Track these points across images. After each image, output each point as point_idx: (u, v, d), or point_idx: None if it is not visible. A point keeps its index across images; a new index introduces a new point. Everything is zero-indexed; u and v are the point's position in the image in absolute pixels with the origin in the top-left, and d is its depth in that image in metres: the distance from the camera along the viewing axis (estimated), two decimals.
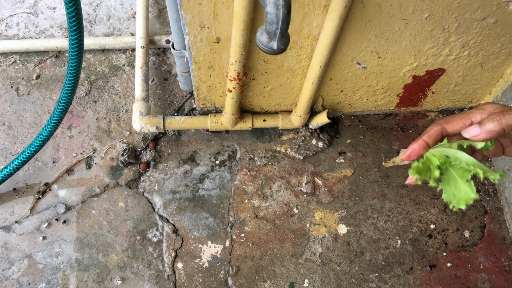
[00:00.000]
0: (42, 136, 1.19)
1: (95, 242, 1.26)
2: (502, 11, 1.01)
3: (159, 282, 1.23)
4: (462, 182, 0.61)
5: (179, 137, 1.39)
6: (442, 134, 0.66)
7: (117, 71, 1.48)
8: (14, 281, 1.21)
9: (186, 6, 0.92)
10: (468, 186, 0.61)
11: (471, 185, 0.61)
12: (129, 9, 1.58)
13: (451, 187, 0.62)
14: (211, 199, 1.32)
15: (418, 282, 1.26)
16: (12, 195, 1.30)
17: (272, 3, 0.70)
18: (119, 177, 1.33)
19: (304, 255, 1.27)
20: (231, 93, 1.16)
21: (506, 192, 1.34)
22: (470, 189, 0.60)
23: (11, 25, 1.54)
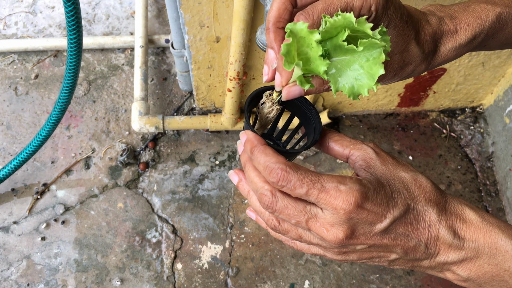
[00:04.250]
0: (40, 136, 1.18)
1: (94, 243, 1.25)
2: None
3: (159, 283, 1.22)
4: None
5: (179, 137, 1.38)
6: (290, 11, 0.46)
7: (116, 71, 1.47)
8: (13, 282, 1.20)
9: (185, 5, 0.91)
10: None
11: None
12: (128, 8, 1.57)
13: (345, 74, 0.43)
14: (210, 199, 1.31)
15: (419, 283, 1.25)
16: (11, 196, 1.29)
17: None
18: (118, 178, 1.32)
19: (304, 256, 1.26)
20: (231, 93, 1.15)
21: (508, 193, 1.33)
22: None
23: (10, 24, 1.53)
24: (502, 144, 1.35)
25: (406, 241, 0.45)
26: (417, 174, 0.46)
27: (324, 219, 0.43)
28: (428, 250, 0.45)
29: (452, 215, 0.46)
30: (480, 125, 1.44)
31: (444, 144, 1.42)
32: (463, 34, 0.52)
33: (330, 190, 0.42)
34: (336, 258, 0.47)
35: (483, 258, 0.45)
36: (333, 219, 0.42)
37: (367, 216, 0.42)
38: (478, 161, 1.40)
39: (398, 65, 0.50)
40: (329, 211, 0.42)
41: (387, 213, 0.43)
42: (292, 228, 0.46)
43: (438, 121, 1.44)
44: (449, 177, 1.38)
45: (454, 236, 0.45)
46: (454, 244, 0.45)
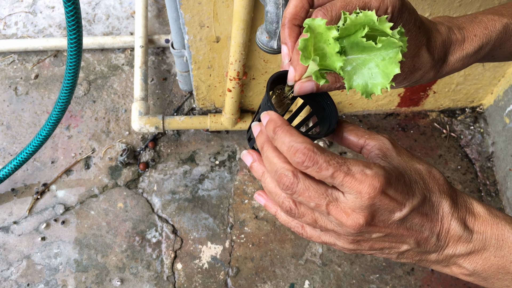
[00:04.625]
0: (40, 136, 1.18)
1: (94, 243, 1.25)
2: None
3: (159, 283, 1.22)
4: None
5: (179, 137, 1.38)
6: (307, 9, 0.47)
7: (116, 71, 1.47)
8: (13, 282, 1.20)
9: (185, 5, 0.91)
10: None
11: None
12: (128, 8, 1.57)
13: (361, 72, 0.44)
14: (210, 199, 1.31)
15: (419, 283, 1.25)
16: (11, 196, 1.29)
17: (272, 2, 0.70)
18: (118, 178, 1.32)
19: (304, 256, 1.26)
20: (231, 93, 1.15)
21: (508, 193, 1.33)
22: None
23: (10, 24, 1.53)
24: (502, 144, 1.35)
25: (419, 232, 0.46)
26: (430, 167, 0.47)
27: (346, 203, 0.43)
28: (438, 242, 0.46)
29: (462, 207, 0.47)
30: (480, 125, 1.44)
31: (444, 144, 1.42)
32: (470, 44, 0.53)
33: (356, 173, 0.41)
34: (348, 247, 0.47)
35: (489, 250, 0.46)
36: (355, 204, 0.42)
37: (388, 203, 0.42)
38: (478, 161, 1.40)
39: (408, 70, 0.50)
40: (352, 195, 0.42)
41: (406, 202, 0.43)
42: (308, 212, 0.45)
43: (438, 121, 1.44)
44: (449, 177, 1.38)
45: (464, 228, 0.46)
46: (464, 237, 0.46)
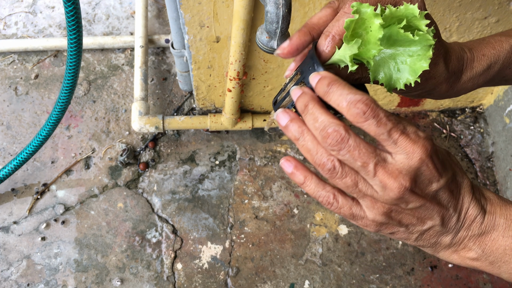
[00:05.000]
0: (40, 136, 1.18)
1: (94, 243, 1.25)
2: (503, 10, 1.00)
3: (159, 283, 1.22)
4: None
5: (179, 137, 1.38)
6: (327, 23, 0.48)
7: (116, 71, 1.47)
8: (13, 282, 1.20)
9: (185, 5, 0.91)
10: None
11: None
12: (128, 8, 1.57)
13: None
14: (210, 199, 1.31)
15: (419, 283, 1.25)
16: (11, 196, 1.29)
17: (273, 2, 0.69)
18: (118, 178, 1.32)
19: (304, 256, 1.26)
20: (231, 93, 1.15)
21: (508, 193, 1.33)
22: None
23: (10, 24, 1.53)
24: (502, 144, 1.35)
25: (446, 208, 0.47)
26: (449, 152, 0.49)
27: (394, 165, 0.42)
28: (458, 221, 0.48)
29: (477, 190, 0.49)
30: (480, 125, 1.44)
31: (444, 144, 1.42)
32: (479, 63, 0.55)
33: (411, 134, 0.42)
34: (378, 219, 0.46)
35: (498, 230, 0.48)
36: (404, 165, 0.42)
37: (431, 171, 0.43)
38: (478, 161, 1.40)
39: (423, 75, 0.50)
40: (403, 156, 0.42)
41: (443, 174, 0.44)
42: (352, 173, 0.44)
43: (438, 121, 1.44)
44: None
45: (480, 209, 0.48)
46: (478, 217, 0.48)
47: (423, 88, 0.53)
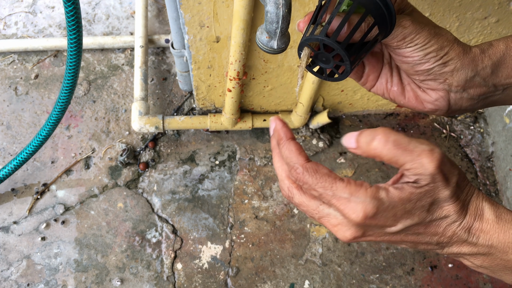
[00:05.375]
0: (40, 136, 1.18)
1: (94, 243, 1.25)
2: (503, 10, 1.00)
3: (159, 283, 1.22)
4: None
5: (179, 137, 1.38)
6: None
7: (116, 71, 1.47)
8: (13, 282, 1.20)
9: (185, 5, 0.91)
10: None
11: None
12: (128, 8, 1.57)
13: None
14: (210, 199, 1.31)
15: (419, 283, 1.25)
16: (11, 196, 1.29)
17: (273, 2, 0.69)
18: (118, 178, 1.32)
19: (304, 256, 1.26)
20: (231, 93, 1.15)
21: (508, 193, 1.33)
22: None
23: (10, 24, 1.53)
24: (502, 144, 1.35)
25: (418, 238, 0.46)
26: (456, 192, 0.45)
27: (336, 219, 0.45)
28: (440, 244, 0.47)
29: (470, 216, 0.46)
30: (480, 125, 1.44)
31: (444, 144, 1.42)
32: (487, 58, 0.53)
33: (341, 199, 0.43)
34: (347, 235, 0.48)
35: (495, 254, 0.46)
36: (342, 222, 0.44)
37: (377, 224, 0.43)
38: (478, 161, 1.40)
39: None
40: (339, 214, 0.44)
41: (399, 221, 0.44)
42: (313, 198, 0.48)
43: (438, 121, 1.44)
44: None
45: (469, 235, 0.46)
46: (469, 241, 0.46)
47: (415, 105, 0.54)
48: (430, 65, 0.50)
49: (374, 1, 0.44)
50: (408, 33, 0.48)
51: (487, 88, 0.53)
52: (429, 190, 0.44)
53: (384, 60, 0.56)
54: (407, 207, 0.44)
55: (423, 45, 0.49)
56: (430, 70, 0.51)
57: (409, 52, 0.50)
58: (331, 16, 0.45)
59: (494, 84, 0.53)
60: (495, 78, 0.52)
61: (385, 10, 0.44)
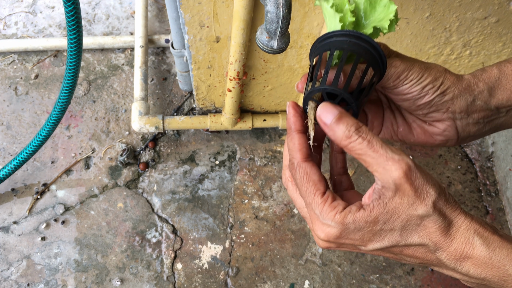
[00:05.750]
0: (40, 136, 1.18)
1: (94, 243, 1.25)
2: (503, 10, 1.00)
3: (159, 283, 1.22)
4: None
5: (179, 137, 1.38)
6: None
7: (116, 71, 1.47)
8: (13, 282, 1.20)
9: (185, 5, 0.91)
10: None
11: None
12: (128, 8, 1.57)
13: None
14: (210, 199, 1.31)
15: (419, 283, 1.25)
16: (11, 196, 1.29)
17: (273, 2, 0.69)
18: (118, 178, 1.32)
19: (304, 256, 1.26)
20: (231, 93, 1.15)
21: (508, 193, 1.33)
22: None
23: (10, 24, 1.53)
24: (502, 144, 1.35)
25: (396, 256, 0.46)
26: (433, 213, 0.43)
27: (311, 226, 0.48)
28: (425, 265, 0.47)
29: (458, 244, 0.44)
30: None
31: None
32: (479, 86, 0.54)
33: (313, 213, 0.45)
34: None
35: (489, 282, 0.45)
36: (319, 235, 0.46)
37: (344, 242, 0.45)
38: (478, 161, 1.40)
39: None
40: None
41: (367, 243, 0.45)
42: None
43: None
44: (449, 177, 1.38)
45: (458, 265, 0.44)
46: (459, 270, 0.45)
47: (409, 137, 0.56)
48: (430, 97, 0.51)
49: (363, 46, 0.46)
50: (401, 71, 0.49)
51: (490, 111, 0.53)
52: (396, 207, 0.43)
53: (383, 105, 0.57)
54: (375, 229, 0.43)
55: (418, 80, 0.50)
56: (431, 102, 0.51)
57: (406, 89, 0.50)
58: (326, 68, 0.47)
59: (496, 106, 0.53)
60: (495, 101, 0.53)
61: (375, 52, 0.46)
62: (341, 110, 0.45)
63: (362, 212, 0.43)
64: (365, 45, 0.46)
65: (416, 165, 0.43)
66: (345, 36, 0.46)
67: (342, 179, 0.54)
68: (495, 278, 0.44)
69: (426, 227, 0.43)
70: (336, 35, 0.47)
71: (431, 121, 0.54)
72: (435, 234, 0.43)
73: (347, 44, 0.46)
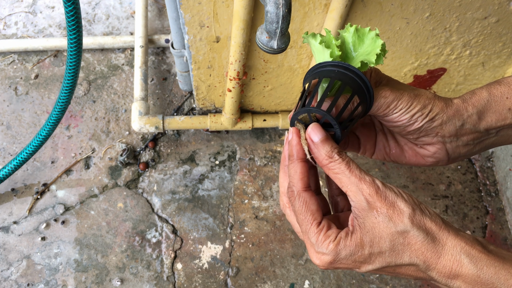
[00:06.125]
0: (40, 136, 1.18)
1: (94, 243, 1.25)
2: (503, 10, 1.00)
3: (159, 283, 1.22)
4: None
5: (179, 137, 1.38)
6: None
7: (116, 71, 1.47)
8: (13, 282, 1.20)
9: (185, 5, 0.91)
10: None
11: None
12: (128, 8, 1.57)
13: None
14: (210, 199, 1.31)
15: (419, 283, 1.25)
16: (11, 196, 1.29)
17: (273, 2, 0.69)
18: (118, 178, 1.32)
19: (304, 256, 1.26)
20: (231, 93, 1.15)
21: (508, 193, 1.33)
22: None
23: (10, 24, 1.53)
24: None
25: (392, 274, 0.49)
26: (411, 228, 0.45)
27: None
28: (421, 281, 0.49)
29: (445, 267, 0.45)
30: None
31: None
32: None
33: (308, 241, 0.49)
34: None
35: None
36: (315, 261, 0.49)
37: (338, 267, 0.48)
38: (478, 161, 1.40)
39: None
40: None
41: (361, 266, 0.47)
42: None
43: None
44: (449, 177, 1.38)
45: (449, 281, 0.46)
46: (449, 285, 0.46)
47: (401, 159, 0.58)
48: (419, 124, 0.53)
49: (349, 76, 0.50)
50: (390, 101, 0.51)
51: (479, 133, 0.55)
52: (374, 226, 0.45)
53: (376, 128, 0.60)
54: (364, 254, 0.46)
55: (407, 108, 0.52)
56: (421, 128, 0.53)
57: (396, 117, 0.52)
58: (313, 93, 0.51)
59: (485, 129, 0.55)
60: (484, 124, 0.54)
61: (361, 82, 0.50)
62: (327, 134, 0.49)
63: (349, 238, 0.46)
64: (352, 74, 0.49)
65: (386, 185, 0.47)
66: (334, 66, 0.50)
67: (338, 199, 0.56)
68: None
69: (411, 245, 0.45)
70: (326, 66, 0.50)
71: (421, 144, 0.56)
72: (420, 251, 0.45)
73: (335, 73, 0.49)
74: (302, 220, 0.48)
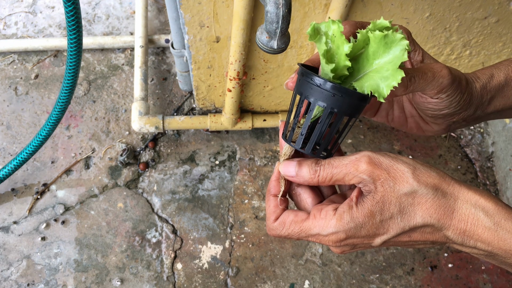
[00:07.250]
0: (40, 136, 1.18)
1: (94, 243, 1.25)
2: (503, 10, 1.00)
3: (159, 283, 1.22)
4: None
5: (179, 137, 1.38)
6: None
7: (116, 71, 1.47)
8: (13, 282, 1.20)
9: (185, 5, 0.91)
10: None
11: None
12: (128, 8, 1.57)
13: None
14: (210, 199, 1.31)
15: (419, 283, 1.25)
16: (11, 196, 1.29)
17: (273, 2, 0.69)
18: (118, 178, 1.32)
19: (304, 256, 1.26)
20: (231, 93, 1.15)
21: (508, 193, 1.33)
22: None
23: (10, 24, 1.53)
24: (502, 144, 1.35)
25: (408, 243, 0.47)
26: (418, 186, 0.44)
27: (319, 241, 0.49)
28: (437, 244, 0.47)
29: (461, 222, 0.44)
30: (480, 125, 1.44)
31: (444, 144, 1.42)
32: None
33: (314, 236, 0.47)
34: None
35: (497, 257, 0.45)
36: (331, 247, 0.48)
37: (353, 242, 0.46)
38: (478, 161, 1.40)
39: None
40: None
41: (375, 238, 0.45)
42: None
43: None
44: None
45: (465, 239, 0.44)
46: (466, 244, 0.45)
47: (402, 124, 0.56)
48: (450, 110, 0.50)
49: (349, 105, 0.44)
50: (446, 84, 0.47)
51: (484, 116, 0.55)
52: (383, 195, 0.44)
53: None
54: (376, 222, 0.44)
55: (454, 94, 0.48)
56: (447, 113, 0.51)
57: (440, 101, 0.49)
58: (303, 126, 0.47)
59: (490, 112, 0.54)
60: (491, 108, 0.54)
61: (359, 104, 0.45)
62: (298, 159, 0.48)
63: (354, 210, 0.44)
64: (353, 102, 0.44)
65: (379, 153, 0.45)
66: (334, 89, 0.43)
67: (337, 200, 0.54)
68: (501, 252, 0.44)
69: (422, 204, 0.44)
70: (320, 86, 0.44)
71: (430, 121, 0.55)
72: (433, 209, 0.43)
73: (330, 101, 0.44)
74: (295, 233, 0.48)
